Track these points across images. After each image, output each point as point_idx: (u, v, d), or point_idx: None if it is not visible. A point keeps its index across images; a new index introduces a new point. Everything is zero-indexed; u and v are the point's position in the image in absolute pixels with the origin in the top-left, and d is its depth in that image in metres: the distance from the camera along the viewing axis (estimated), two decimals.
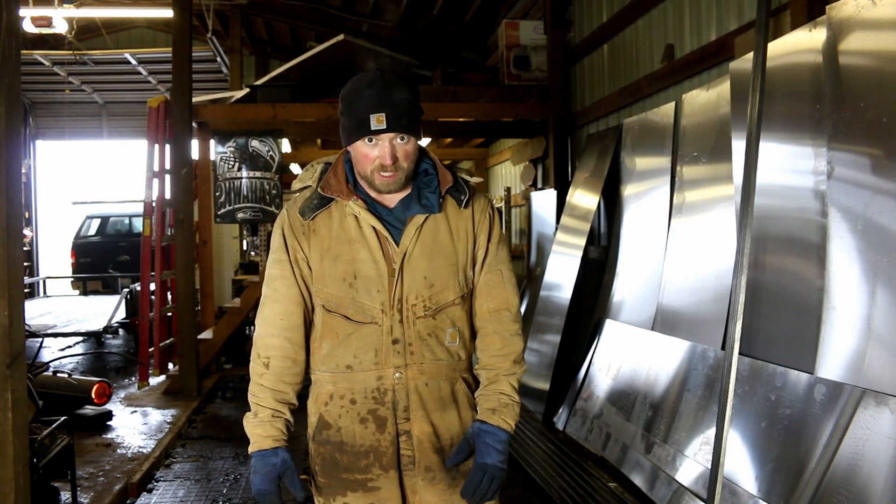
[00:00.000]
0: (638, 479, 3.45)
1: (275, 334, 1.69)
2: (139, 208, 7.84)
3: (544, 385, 4.86)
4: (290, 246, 1.69)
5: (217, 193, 6.43)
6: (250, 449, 1.68)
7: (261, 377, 1.68)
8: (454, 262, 1.69)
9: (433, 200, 1.67)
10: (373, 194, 1.68)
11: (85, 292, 11.16)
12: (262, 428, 1.65)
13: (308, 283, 1.70)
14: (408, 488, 1.69)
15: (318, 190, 1.68)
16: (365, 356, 1.66)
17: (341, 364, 1.67)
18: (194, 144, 6.33)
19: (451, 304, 1.68)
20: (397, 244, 1.64)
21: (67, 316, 8.31)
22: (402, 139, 1.60)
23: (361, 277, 1.64)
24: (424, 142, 7.24)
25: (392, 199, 1.69)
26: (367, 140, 1.59)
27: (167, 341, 6.47)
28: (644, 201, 4.31)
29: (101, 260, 11.66)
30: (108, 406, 5.12)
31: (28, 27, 8.04)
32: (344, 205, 1.66)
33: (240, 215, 6.45)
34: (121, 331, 8.45)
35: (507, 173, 8.49)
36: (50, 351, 7.45)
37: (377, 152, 1.59)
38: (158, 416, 5.25)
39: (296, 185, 1.77)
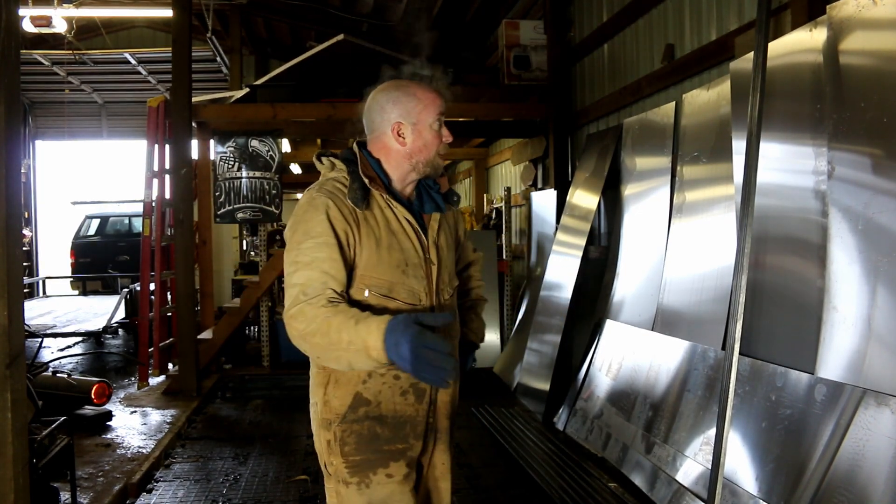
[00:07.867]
0: (638, 480, 3.45)
1: (321, 299, 1.63)
2: (139, 208, 7.82)
3: (544, 385, 4.86)
4: (342, 230, 1.68)
5: (217, 193, 6.42)
6: (375, 345, 1.52)
7: (320, 309, 1.60)
8: (454, 256, 1.95)
9: (439, 200, 1.86)
10: (396, 189, 1.80)
11: (85, 292, 11.14)
12: (366, 324, 1.54)
13: (348, 269, 1.70)
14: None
15: (365, 181, 1.73)
16: None
17: None
18: (194, 144, 6.32)
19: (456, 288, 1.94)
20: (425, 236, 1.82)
21: (67, 316, 8.30)
22: None
23: (411, 265, 1.77)
24: None
25: (409, 196, 1.84)
26: (436, 122, 1.76)
27: (167, 341, 6.45)
28: (644, 201, 4.31)
29: (100, 260, 11.65)
30: (108, 406, 5.12)
31: (28, 27, 8.04)
32: (380, 197, 1.76)
33: (240, 215, 6.44)
34: (120, 331, 8.43)
35: (507, 173, 8.49)
36: (50, 351, 7.44)
37: (445, 132, 1.79)
38: (158, 417, 5.24)
39: (326, 174, 1.79)
